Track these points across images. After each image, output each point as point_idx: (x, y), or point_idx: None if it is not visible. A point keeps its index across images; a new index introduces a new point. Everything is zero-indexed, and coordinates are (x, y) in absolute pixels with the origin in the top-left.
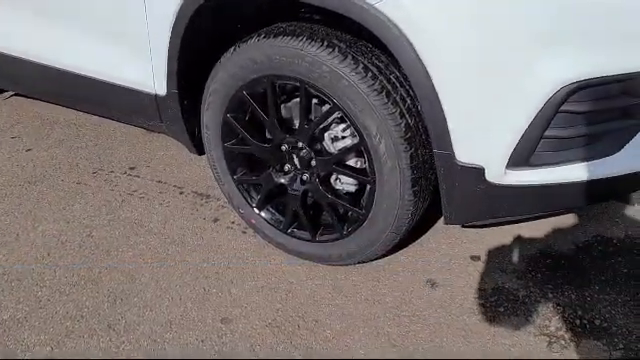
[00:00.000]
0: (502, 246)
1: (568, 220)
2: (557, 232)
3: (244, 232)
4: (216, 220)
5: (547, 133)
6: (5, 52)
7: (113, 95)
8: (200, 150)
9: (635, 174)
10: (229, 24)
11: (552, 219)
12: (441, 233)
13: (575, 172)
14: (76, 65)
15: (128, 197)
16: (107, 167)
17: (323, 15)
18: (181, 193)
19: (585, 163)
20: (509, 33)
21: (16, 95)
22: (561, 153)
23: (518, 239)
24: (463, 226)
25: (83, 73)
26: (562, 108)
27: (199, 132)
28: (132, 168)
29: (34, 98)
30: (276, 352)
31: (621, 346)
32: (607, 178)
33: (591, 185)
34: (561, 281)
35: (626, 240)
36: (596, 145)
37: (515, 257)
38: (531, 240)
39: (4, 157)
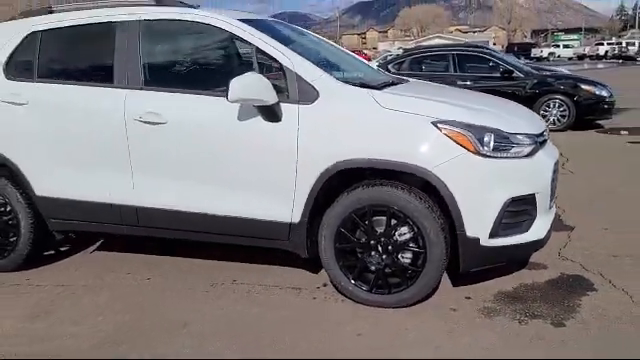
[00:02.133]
0: (481, 288)
1: (516, 269)
2: (507, 278)
3: (336, 301)
4: (314, 298)
5: (503, 221)
6: (168, 208)
7: (256, 227)
8: (310, 253)
9: (537, 241)
10: (343, 180)
11: (513, 272)
12: (447, 285)
13: (515, 239)
14: (231, 210)
15: (246, 295)
16: (220, 281)
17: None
18: (280, 289)
19: (517, 235)
20: (481, 180)
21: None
22: (509, 231)
23: (491, 282)
24: (463, 276)
25: (236, 215)
26: (507, 209)
27: (311, 243)
28: (234, 280)
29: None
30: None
31: (550, 321)
32: (525, 243)
33: (520, 246)
34: (508, 298)
35: (549, 279)
36: (520, 227)
37: (489, 293)
38: (495, 284)
39: (126, 283)
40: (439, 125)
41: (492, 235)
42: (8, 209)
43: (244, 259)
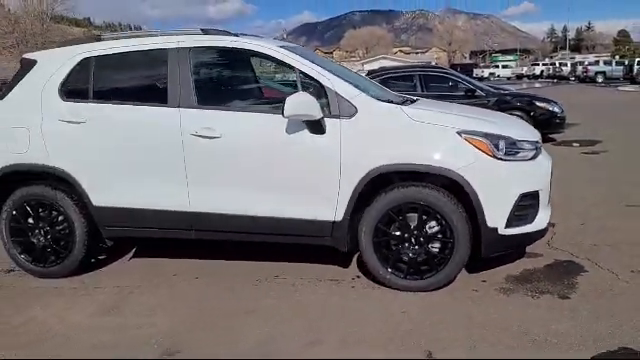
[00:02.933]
0: (493, 273)
1: (517, 258)
2: (512, 265)
3: (373, 288)
4: (353, 287)
5: (515, 213)
6: (230, 213)
7: (303, 227)
8: (349, 248)
9: (540, 230)
10: (378, 182)
11: (516, 260)
12: (464, 273)
13: (524, 229)
14: (280, 212)
15: (292, 287)
16: (263, 277)
17: (420, 175)
18: (320, 281)
19: (526, 225)
20: (497, 178)
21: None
22: (519, 221)
23: (500, 268)
24: (485, 259)
25: (285, 217)
26: (519, 203)
27: (350, 238)
28: (276, 276)
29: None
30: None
31: (557, 295)
32: (532, 232)
33: (528, 234)
34: (517, 280)
35: (547, 264)
36: (527, 218)
37: (501, 277)
38: (504, 270)
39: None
40: (462, 134)
41: (507, 225)
42: (61, 219)
43: (276, 258)
